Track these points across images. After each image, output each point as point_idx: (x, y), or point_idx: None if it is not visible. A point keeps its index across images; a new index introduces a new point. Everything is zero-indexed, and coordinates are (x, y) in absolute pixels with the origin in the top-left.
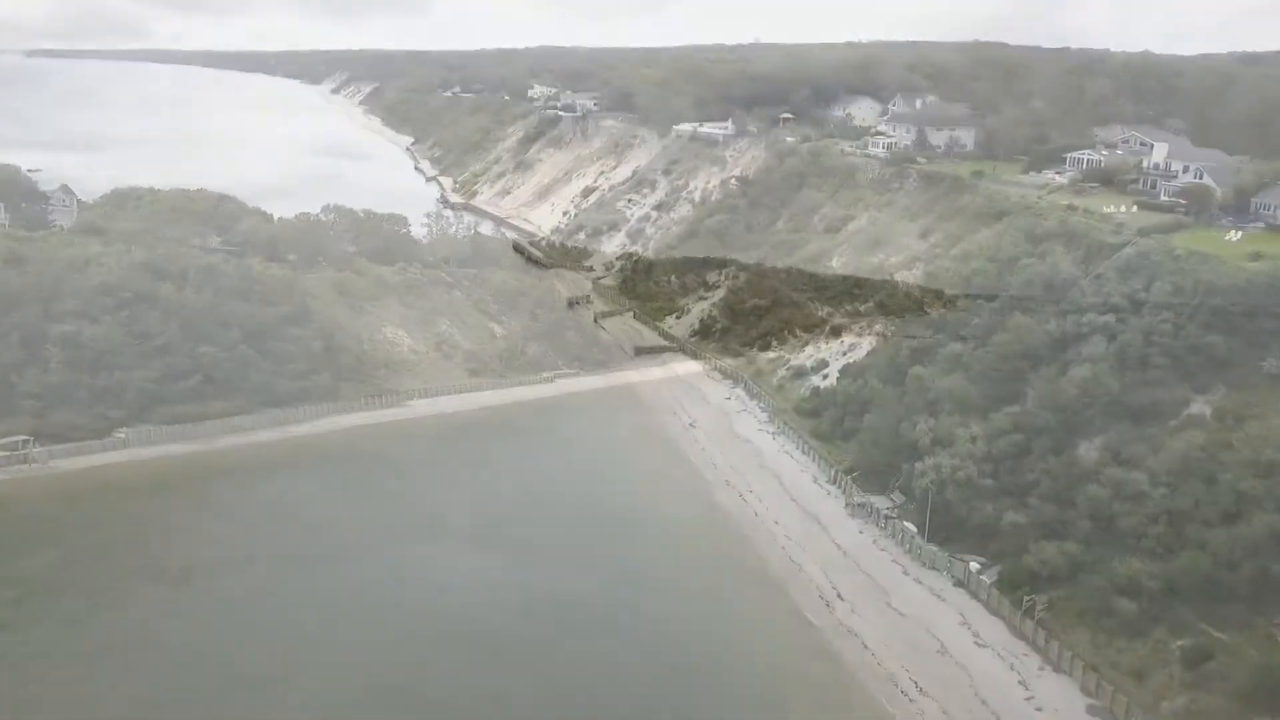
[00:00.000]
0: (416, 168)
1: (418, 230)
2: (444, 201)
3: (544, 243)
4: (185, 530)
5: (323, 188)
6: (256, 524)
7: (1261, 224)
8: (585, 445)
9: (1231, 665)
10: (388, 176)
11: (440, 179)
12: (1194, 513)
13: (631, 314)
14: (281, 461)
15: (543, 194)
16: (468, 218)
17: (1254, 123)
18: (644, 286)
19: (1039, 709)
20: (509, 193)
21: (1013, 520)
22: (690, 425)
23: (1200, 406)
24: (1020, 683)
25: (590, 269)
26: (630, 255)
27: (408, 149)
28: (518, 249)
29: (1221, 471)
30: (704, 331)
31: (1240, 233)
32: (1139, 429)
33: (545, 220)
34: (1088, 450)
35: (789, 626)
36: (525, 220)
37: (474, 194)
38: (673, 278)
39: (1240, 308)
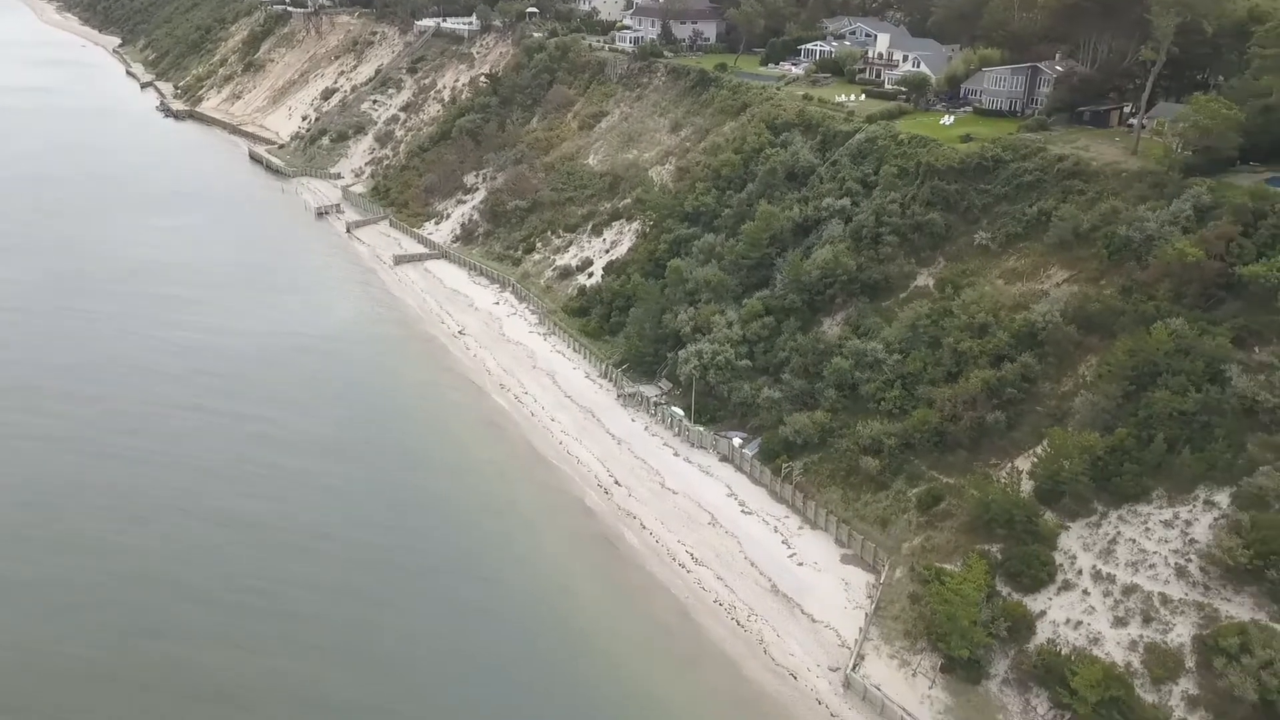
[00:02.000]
0: (129, 72)
1: None
2: (164, 109)
3: (286, 150)
4: None
5: (22, 98)
6: None
7: (969, 108)
8: (354, 361)
9: (957, 505)
10: (97, 83)
11: (158, 84)
12: (922, 374)
13: (388, 221)
14: None
15: (278, 98)
16: (193, 126)
17: (962, 15)
18: (398, 192)
19: (801, 564)
20: (239, 97)
21: (769, 396)
22: (460, 333)
23: (925, 279)
24: (784, 542)
25: (339, 176)
26: (381, 160)
27: (115, 51)
28: (255, 159)
29: (944, 336)
30: (466, 236)
31: (952, 116)
32: (874, 303)
33: (283, 126)
34: (831, 326)
35: (571, 514)
36: (261, 127)
37: (199, 100)
38: (428, 181)
39: (955, 186)
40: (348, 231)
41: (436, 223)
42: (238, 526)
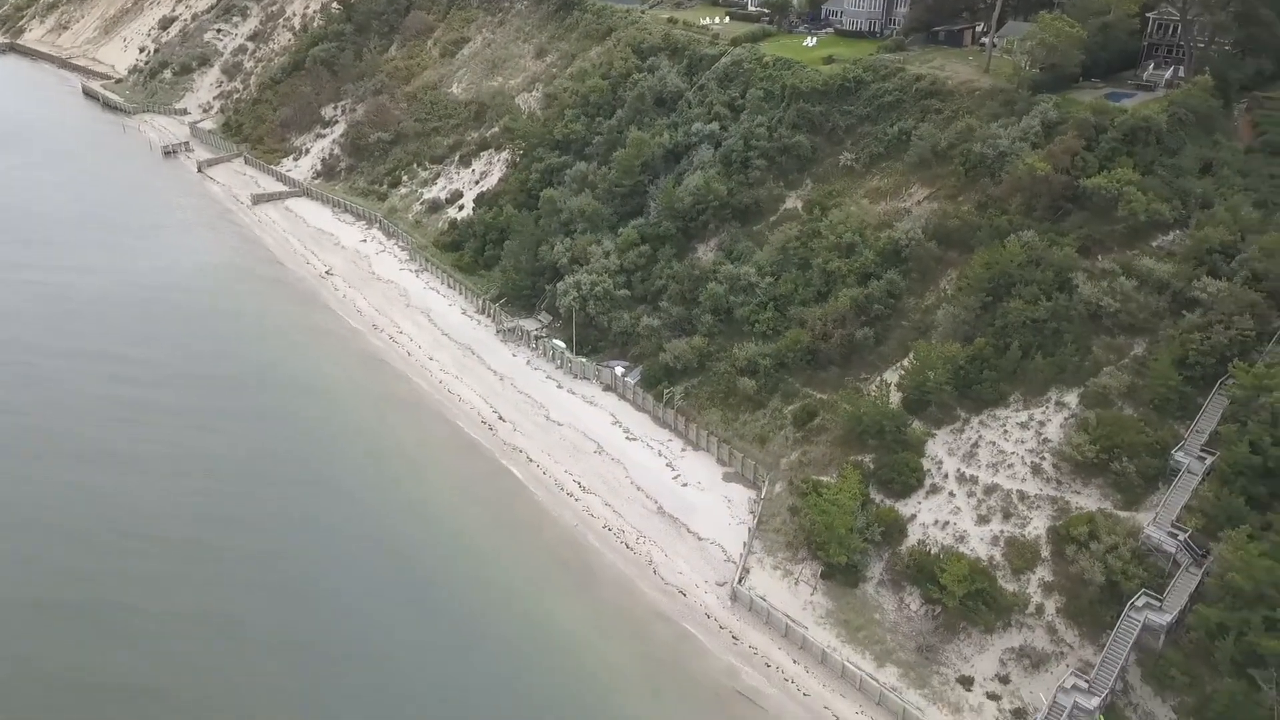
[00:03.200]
0: None
1: None
2: None
3: (124, 85)
4: None
5: None
6: None
7: (831, 29)
8: (216, 307)
9: (830, 419)
10: None
11: None
12: (794, 296)
13: (242, 159)
14: None
15: (110, 28)
16: (16, 60)
17: None
18: (252, 128)
19: (685, 485)
20: (66, 28)
21: (648, 324)
22: (327, 273)
23: (793, 201)
24: (668, 465)
25: (185, 112)
26: (230, 94)
27: None
28: (90, 95)
29: (813, 257)
30: (328, 172)
31: (815, 38)
32: (746, 228)
33: (119, 59)
34: (705, 252)
35: (457, 453)
36: (94, 60)
37: (20, 31)
38: (283, 115)
39: (820, 108)
40: (200, 171)
41: (295, 159)
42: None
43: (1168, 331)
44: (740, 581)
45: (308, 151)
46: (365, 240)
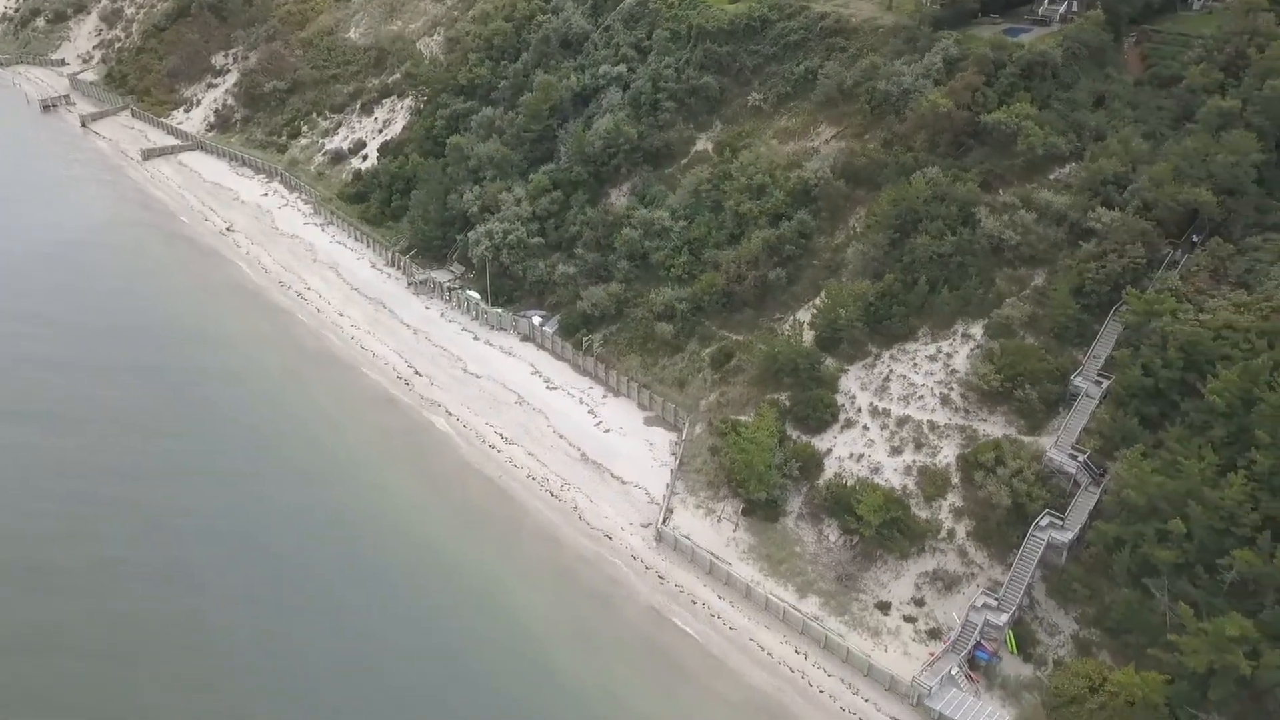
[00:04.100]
0: None
1: None
2: None
3: None
4: None
5: None
6: None
7: None
8: (111, 269)
9: (747, 360)
10: None
11: None
12: (707, 239)
13: (129, 112)
14: None
15: None
16: None
17: None
18: (137, 78)
19: (607, 431)
20: None
21: (564, 272)
22: (228, 229)
23: (704, 143)
24: (590, 412)
25: (63, 63)
26: (111, 43)
27: None
28: None
29: (725, 199)
30: (222, 124)
31: None
32: (658, 171)
33: None
34: (618, 197)
35: (374, 409)
36: None
37: None
38: (171, 65)
39: (726, 48)
40: (84, 126)
41: (186, 110)
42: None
43: (1065, 262)
44: (664, 522)
45: (199, 103)
46: (266, 194)
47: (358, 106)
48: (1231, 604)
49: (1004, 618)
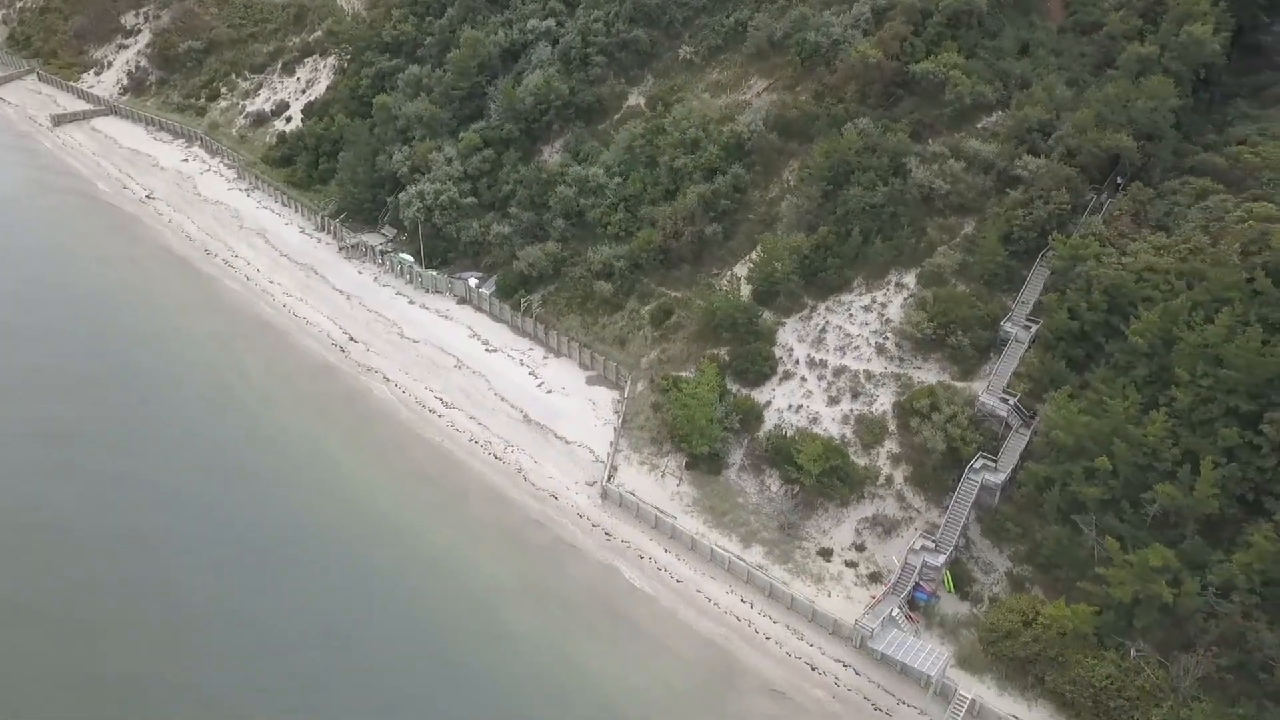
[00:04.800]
0: None
1: None
2: None
3: None
4: None
5: None
6: None
7: None
8: (24, 243)
9: (686, 316)
10: None
11: None
12: (643, 195)
13: (35, 75)
14: None
15: None
16: None
17: None
18: (42, 40)
19: (549, 391)
20: None
21: (499, 232)
22: (148, 197)
23: (636, 98)
24: (531, 374)
25: None
26: (12, 2)
27: None
28: None
29: (659, 155)
30: (136, 87)
31: None
32: (591, 127)
33: None
34: (551, 154)
35: (310, 378)
36: None
37: None
38: (78, 25)
39: (656, 0)
40: None
41: (97, 73)
42: None
43: (994, 209)
44: (609, 480)
45: (110, 65)
46: (187, 160)
47: (279, 66)
48: (1154, 536)
49: (941, 559)
